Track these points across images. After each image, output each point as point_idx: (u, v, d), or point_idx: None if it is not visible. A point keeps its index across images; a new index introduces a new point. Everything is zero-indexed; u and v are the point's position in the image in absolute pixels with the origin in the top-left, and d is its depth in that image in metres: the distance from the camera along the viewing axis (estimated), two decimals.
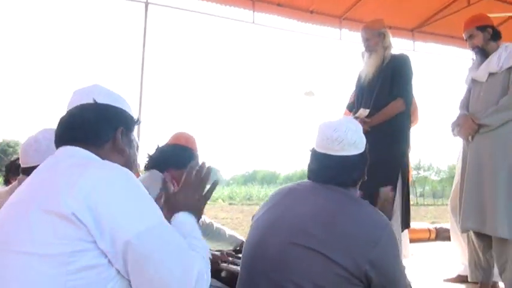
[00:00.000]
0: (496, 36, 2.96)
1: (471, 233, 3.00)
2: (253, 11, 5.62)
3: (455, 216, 3.45)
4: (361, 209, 1.56)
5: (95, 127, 1.22)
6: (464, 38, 3.10)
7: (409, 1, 5.93)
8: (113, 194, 1.02)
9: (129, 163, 1.27)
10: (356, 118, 3.31)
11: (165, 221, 1.08)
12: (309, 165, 1.71)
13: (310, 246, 1.43)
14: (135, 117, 1.34)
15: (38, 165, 1.75)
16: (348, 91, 3.93)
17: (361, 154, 1.67)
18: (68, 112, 1.25)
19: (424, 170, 48.18)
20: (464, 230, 3.00)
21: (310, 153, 1.73)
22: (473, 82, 3.05)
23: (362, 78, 3.41)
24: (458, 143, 3.70)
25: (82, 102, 1.25)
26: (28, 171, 1.83)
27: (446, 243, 4.97)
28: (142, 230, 0.99)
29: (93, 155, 1.18)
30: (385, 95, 3.19)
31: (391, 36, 3.38)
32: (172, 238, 1.04)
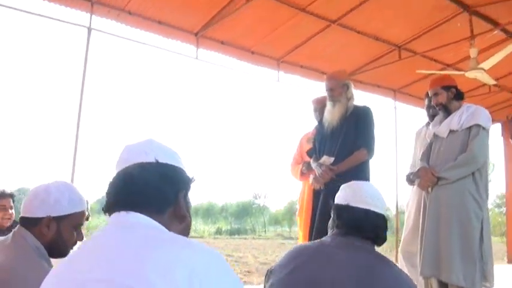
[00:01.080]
0: (459, 96, 3.17)
1: (432, 280, 3.12)
2: (197, 47, 5.57)
3: (406, 261, 3.60)
4: (394, 271, 1.57)
5: (158, 191, 1.06)
6: (429, 95, 3.30)
7: (343, 50, 6.25)
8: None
9: (187, 231, 1.13)
10: (320, 165, 3.36)
11: None
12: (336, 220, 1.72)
13: None
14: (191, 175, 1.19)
15: (38, 218, 1.53)
16: (282, 132, 4.04)
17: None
18: (123, 172, 1.08)
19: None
20: (423, 276, 3.11)
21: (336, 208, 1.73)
22: (435, 137, 3.23)
23: (325, 126, 3.47)
24: (408, 191, 3.91)
25: (139, 160, 1.09)
26: (28, 223, 1.59)
27: None
28: None
29: (160, 226, 1.03)
30: (349, 145, 3.27)
31: (353, 87, 3.49)
32: None
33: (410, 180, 3.40)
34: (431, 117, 3.62)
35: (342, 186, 1.81)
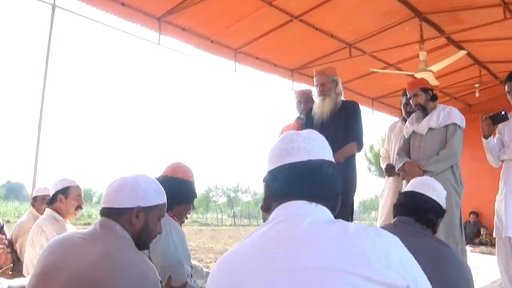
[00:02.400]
0: (434, 97, 3.51)
1: None
2: (159, 33, 5.46)
3: None
4: (455, 253, 1.79)
5: (337, 188, 1.18)
6: (408, 96, 3.59)
7: (299, 45, 6.47)
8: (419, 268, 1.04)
9: None
10: None
11: None
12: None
13: None
14: None
15: (127, 208, 1.51)
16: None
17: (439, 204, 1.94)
18: (304, 164, 1.15)
19: (242, 193, 51.10)
20: None
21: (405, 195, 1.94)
22: (413, 133, 3.54)
23: (314, 119, 3.64)
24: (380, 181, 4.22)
25: (321, 157, 1.17)
26: (115, 213, 1.56)
27: None
28: None
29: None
30: (340, 138, 3.46)
31: (341, 84, 3.70)
32: None
33: (391, 172, 3.70)
34: (408, 113, 3.94)
35: (413, 180, 2.02)
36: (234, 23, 5.71)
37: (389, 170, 3.78)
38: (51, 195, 3.03)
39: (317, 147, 1.17)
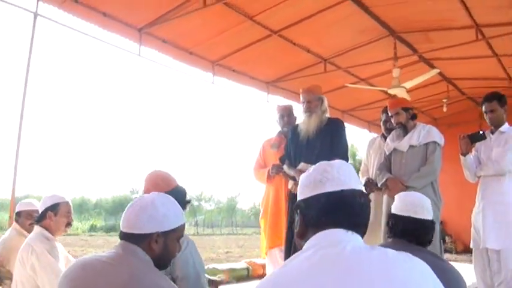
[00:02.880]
0: (414, 116, 3.70)
1: None
2: (140, 44, 5.46)
3: None
4: (449, 264, 1.92)
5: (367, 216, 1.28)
6: (390, 114, 3.75)
7: (276, 58, 6.60)
8: None
9: None
10: (300, 171, 3.63)
11: None
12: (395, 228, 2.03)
13: None
14: None
15: (146, 234, 1.55)
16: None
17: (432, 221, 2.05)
18: (341, 195, 1.23)
19: (205, 201, 50.69)
20: None
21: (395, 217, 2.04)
22: (394, 150, 3.71)
23: (300, 135, 3.76)
24: None
25: (353, 187, 1.25)
26: (135, 238, 1.59)
27: None
28: None
29: None
30: (327, 154, 3.57)
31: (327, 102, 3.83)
32: None
33: (371, 187, 3.85)
34: (387, 130, 4.11)
35: (398, 197, 2.11)
36: (216, 35, 5.78)
37: (369, 185, 3.92)
38: (40, 212, 2.97)
39: (349, 177, 1.26)
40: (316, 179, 1.26)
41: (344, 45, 6.30)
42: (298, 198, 1.30)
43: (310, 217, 1.24)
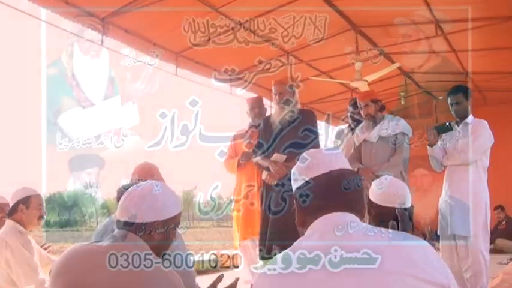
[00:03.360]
0: (382, 108, 3.82)
1: None
2: (102, 34, 5.31)
3: None
4: None
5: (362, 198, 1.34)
6: (359, 105, 3.86)
7: (239, 51, 6.55)
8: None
9: None
10: (273, 162, 3.67)
11: None
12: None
13: None
14: None
15: (147, 223, 1.54)
16: None
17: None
18: (337, 175, 1.27)
19: None
20: None
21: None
22: (364, 142, 3.82)
23: (272, 126, 3.79)
24: None
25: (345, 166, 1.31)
26: (135, 227, 1.57)
27: None
28: None
29: None
30: (299, 144, 3.63)
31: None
32: None
33: None
34: (355, 121, 4.23)
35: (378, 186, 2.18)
36: (178, 26, 5.69)
37: None
38: (11, 206, 2.89)
39: (335, 159, 1.31)
40: (305, 165, 1.30)
41: (307, 38, 6.36)
42: (293, 188, 1.34)
43: (306, 205, 1.27)
